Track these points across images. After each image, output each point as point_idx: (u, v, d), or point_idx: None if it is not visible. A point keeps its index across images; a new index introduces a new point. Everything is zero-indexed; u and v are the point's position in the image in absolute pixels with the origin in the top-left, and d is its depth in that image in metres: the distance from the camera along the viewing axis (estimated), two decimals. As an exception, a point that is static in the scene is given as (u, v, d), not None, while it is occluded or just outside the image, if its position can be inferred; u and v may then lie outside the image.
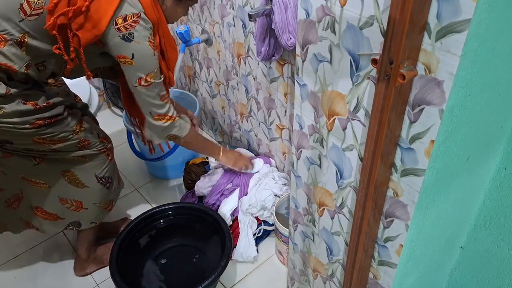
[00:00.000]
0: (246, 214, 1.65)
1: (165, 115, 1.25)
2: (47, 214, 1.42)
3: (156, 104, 1.21)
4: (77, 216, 1.43)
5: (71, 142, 1.26)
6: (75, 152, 1.30)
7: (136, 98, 1.21)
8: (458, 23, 0.59)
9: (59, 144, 1.24)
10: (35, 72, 1.14)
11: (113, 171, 1.45)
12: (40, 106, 1.16)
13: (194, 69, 2.13)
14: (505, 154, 0.94)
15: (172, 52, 1.24)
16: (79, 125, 1.27)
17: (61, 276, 1.63)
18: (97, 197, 1.42)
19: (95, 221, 1.47)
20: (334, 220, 1.06)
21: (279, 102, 1.63)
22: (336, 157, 0.95)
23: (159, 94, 1.20)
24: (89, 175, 1.37)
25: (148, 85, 1.16)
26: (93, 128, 1.35)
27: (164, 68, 1.21)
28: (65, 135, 1.24)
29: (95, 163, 1.36)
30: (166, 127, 1.28)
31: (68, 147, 1.27)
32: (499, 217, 1.03)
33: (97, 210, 1.45)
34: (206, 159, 1.97)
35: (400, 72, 0.65)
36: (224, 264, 1.39)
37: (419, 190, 0.78)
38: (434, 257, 1.08)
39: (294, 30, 1.24)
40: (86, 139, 1.30)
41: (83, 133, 1.29)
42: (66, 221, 1.44)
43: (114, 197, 1.50)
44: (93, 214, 1.45)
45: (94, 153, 1.34)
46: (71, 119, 1.25)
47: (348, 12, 0.75)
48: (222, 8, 1.67)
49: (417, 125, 0.72)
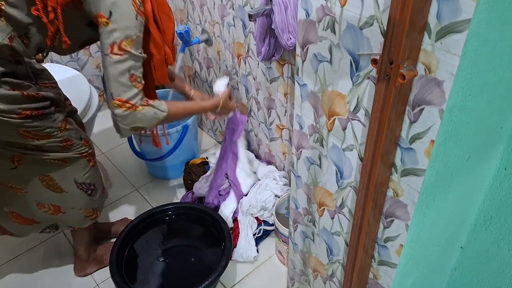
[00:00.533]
0: (246, 215, 1.65)
1: (126, 101, 1.04)
2: (23, 219, 1.37)
3: (121, 82, 1.02)
4: (54, 220, 1.39)
5: (54, 139, 1.21)
6: (56, 154, 1.24)
7: (104, 72, 1.04)
8: (458, 23, 0.59)
9: (43, 140, 1.19)
10: (20, 45, 1.07)
11: (95, 177, 1.38)
12: (27, 94, 1.10)
13: (194, 69, 2.13)
14: (505, 154, 0.94)
15: (168, 22, 1.11)
16: (64, 123, 1.23)
17: (61, 276, 1.63)
18: (77, 203, 1.36)
19: (73, 225, 1.44)
20: (334, 220, 1.06)
21: (279, 102, 1.63)
22: (336, 157, 0.95)
23: (130, 71, 1.02)
24: (68, 180, 1.31)
25: (121, 55, 0.99)
26: (77, 130, 1.30)
27: (160, 40, 1.08)
28: (51, 131, 1.19)
29: (75, 168, 1.30)
30: (125, 117, 1.06)
31: (51, 147, 1.22)
32: (499, 217, 1.03)
33: (77, 216, 1.40)
34: (206, 159, 1.98)
35: (400, 72, 0.65)
36: (224, 264, 1.39)
37: (419, 190, 0.78)
38: (434, 257, 1.08)
39: (294, 30, 1.24)
40: (69, 138, 1.24)
41: (67, 132, 1.23)
42: (43, 225, 1.40)
43: (98, 206, 1.43)
44: (71, 219, 1.40)
45: (75, 156, 1.28)
46: (57, 115, 1.21)
47: (348, 12, 0.75)
48: (222, 8, 1.67)
49: (417, 125, 0.72)
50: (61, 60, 2.19)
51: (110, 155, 2.17)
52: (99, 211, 1.45)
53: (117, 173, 2.07)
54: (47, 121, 1.18)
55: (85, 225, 1.45)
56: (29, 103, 1.12)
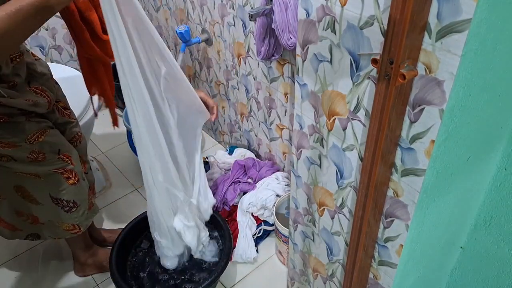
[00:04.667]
0: (245, 214, 1.65)
1: None
2: (5, 223, 1.35)
3: None
4: (34, 229, 1.36)
5: (21, 151, 1.13)
6: (26, 167, 1.17)
7: None
8: (458, 23, 0.59)
9: (8, 148, 1.11)
10: None
11: (76, 195, 1.29)
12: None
13: (194, 69, 2.13)
14: (505, 154, 0.94)
15: None
16: (37, 135, 1.14)
17: (61, 276, 1.63)
18: (53, 216, 1.31)
19: (54, 236, 1.39)
20: (334, 220, 1.06)
21: (279, 102, 1.63)
22: (336, 157, 0.95)
23: None
24: (42, 193, 1.25)
25: None
26: (57, 143, 1.21)
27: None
28: (16, 141, 1.11)
29: (49, 183, 1.23)
30: None
31: (20, 158, 1.14)
32: (499, 217, 1.03)
33: (55, 228, 1.35)
34: (206, 159, 1.98)
35: (400, 72, 0.65)
36: (224, 264, 1.39)
37: (419, 190, 0.78)
38: (434, 257, 1.08)
39: (294, 29, 1.23)
40: (41, 151, 1.16)
41: (39, 144, 1.15)
42: (24, 232, 1.38)
43: (80, 222, 1.35)
44: (51, 231, 1.36)
45: (48, 172, 1.21)
46: (29, 126, 1.12)
47: (348, 12, 0.75)
48: (222, 8, 1.67)
49: (417, 125, 0.72)
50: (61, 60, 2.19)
51: (110, 155, 2.17)
52: (82, 227, 1.37)
53: (117, 173, 2.07)
54: (10, 130, 1.10)
55: (66, 237, 1.40)
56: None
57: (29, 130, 1.13)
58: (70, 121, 1.33)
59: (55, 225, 1.35)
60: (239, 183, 1.73)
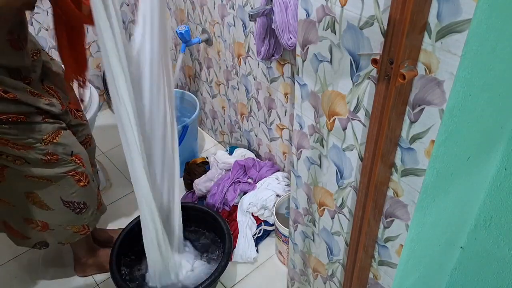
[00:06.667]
0: (245, 214, 1.65)
1: None
2: (14, 231, 1.36)
3: None
4: (43, 237, 1.36)
5: (36, 152, 1.14)
6: (39, 169, 1.18)
7: None
8: (458, 23, 0.59)
9: (23, 150, 1.12)
10: None
11: (86, 196, 1.31)
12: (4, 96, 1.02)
13: (194, 69, 2.13)
14: (505, 154, 0.94)
15: None
16: (52, 136, 1.16)
17: (61, 276, 1.63)
18: (63, 220, 1.32)
19: (63, 242, 1.39)
20: (334, 220, 1.06)
21: (279, 102, 1.63)
22: (336, 157, 0.95)
23: None
24: (53, 198, 1.26)
25: None
26: (70, 144, 1.22)
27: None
28: (31, 142, 1.12)
29: (61, 186, 1.24)
30: None
31: (33, 160, 1.15)
32: (499, 217, 1.03)
33: (65, 233, 1.36)
34: (206, 159, 1.98)
35: (400, 72, 0.65)
36: (224, 264, 1.39)
37: (419, 190, 0.78)
38: (434, 257, 1.08)
39: (294, 30, 1.24)
40: (54, 153, 1.17)
41: (53, 145, 1.16)
42: (32, 241, 1.37)
43: (89, 222, 1.38)
44: (60, 236, 1.37)
45: (60, 175, 1.22)
46: (45, 126, 1.14)
47: (348, 12, 0.75)
48: (222, 8, 1.67)
49: (417, 125, 0.72)
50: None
51: (110, 155, 2.17)
52: (91, 226, 1.40)
53: (117, 173, 2.07)
54: (27, 130, 1.10)
55: (74, 240, 1.41)
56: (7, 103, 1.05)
57: (45, 131, 1.14)
58: (82, 123, 1.35)
59: (65, 230, 1.35)
60: (239, 183, 1.73)
